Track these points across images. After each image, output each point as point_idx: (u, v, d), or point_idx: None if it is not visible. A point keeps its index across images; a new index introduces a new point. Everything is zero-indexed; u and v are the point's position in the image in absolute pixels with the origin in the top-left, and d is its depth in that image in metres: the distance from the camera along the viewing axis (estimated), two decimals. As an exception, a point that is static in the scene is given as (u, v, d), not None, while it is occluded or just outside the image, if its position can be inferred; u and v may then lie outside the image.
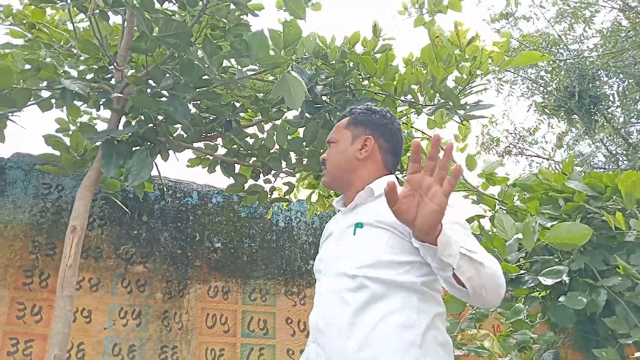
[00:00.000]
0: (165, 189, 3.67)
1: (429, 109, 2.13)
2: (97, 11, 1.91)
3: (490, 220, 2.84)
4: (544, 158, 9.34)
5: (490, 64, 2.15)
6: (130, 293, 3.27)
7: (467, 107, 2.01)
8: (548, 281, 2.29)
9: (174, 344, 3.26)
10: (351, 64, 2.16)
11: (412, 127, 2.92)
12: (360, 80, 2.23)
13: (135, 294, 3.29)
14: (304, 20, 1.83)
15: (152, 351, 3.19)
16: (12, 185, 3.17)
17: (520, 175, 3.14)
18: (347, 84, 2.22)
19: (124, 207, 3.28)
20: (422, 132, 2.99)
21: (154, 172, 2.56)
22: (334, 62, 2.16)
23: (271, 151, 2.45)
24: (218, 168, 2.57)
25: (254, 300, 3.64)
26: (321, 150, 2.38)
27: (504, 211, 2.95)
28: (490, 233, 2.74)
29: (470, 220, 3.06)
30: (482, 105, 2.01)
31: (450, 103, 1.99)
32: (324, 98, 2.27)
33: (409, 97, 2.15)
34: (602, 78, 8.02)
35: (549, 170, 3.07)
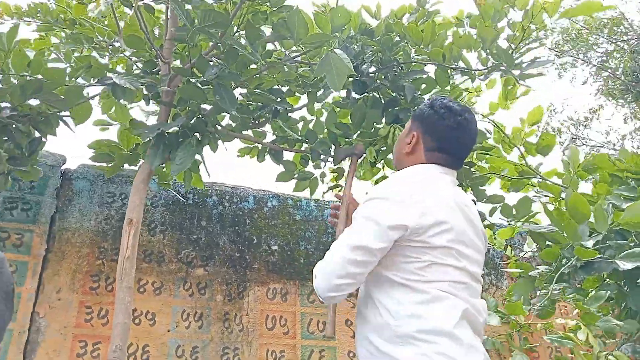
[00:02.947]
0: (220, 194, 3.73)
1: (483, 74, 2.02)
2: (142, 4, 1.97)
3: (547, 213, 2.62)
4: (607, 147, 8.74)
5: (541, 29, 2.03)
6: (192, 296, 3.31)
7: (523, 65, 1.88)
8: (627, 265, 2.10)
9: (235, 346, 3.25)
10: (397, 37, 2.10)
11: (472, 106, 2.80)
12: (409, 52, 2.15)
13: (196, 296, 3.32)
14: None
15: (214, 352, 3.18)
16: (79, 195, 3.32)
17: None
18: (395, 58, 2.15)
19: (179, 196, 3.35)
20: (482, 115, 2.86)
21: (205, 176, 2.60)
22: (379, 37, 2.10)
23: (320, 136, 2.42)
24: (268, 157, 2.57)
25: (312, 302, 3.58)
26: (372, 131, 2.31)
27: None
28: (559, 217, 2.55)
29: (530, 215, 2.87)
30: (539, 62, 1.88)
31: (504, 65, 1.87)
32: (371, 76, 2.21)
33: (461, 64, 2.05)
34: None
35: (626, 150, 2.82)
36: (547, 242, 2.46)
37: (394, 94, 2.22)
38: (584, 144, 8.77)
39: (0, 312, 0.72)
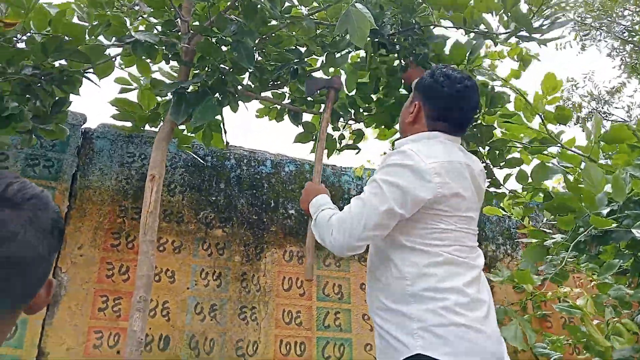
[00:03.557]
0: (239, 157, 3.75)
1: (504, 37, 1.97)
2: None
3: (566, 182, 2.59)
4: (629, 122, 8.53)
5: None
6: (211, 255, 3.37)
7: (544, 28, 1.82)
8: (644, 235, 2.07)
9: (252, 305, 3.32)
10: None
11: (494, 75, 2.73)
12: (429, 16, 2.10)
13: (215, 256, 3.38)
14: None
15: (232, 311, 3.26)
16: (99, 154, 3.36)
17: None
18: (415, 21, 2.10)
19: (198, 158, 3.38)
20: (504, 80, 2.80)
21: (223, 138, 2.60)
22: None
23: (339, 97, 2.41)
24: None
25: (328, 266, 3.63)
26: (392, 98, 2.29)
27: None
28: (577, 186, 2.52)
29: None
30: (559, 24, 1.82)
31: (524, 29, 1.82)
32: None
33: (483, 27, 2.00)
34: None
35: None
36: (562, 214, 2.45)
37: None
38: (605, 119, 8.56)
39: (33, 246, 0.73)
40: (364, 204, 1.47)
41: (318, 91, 2.23)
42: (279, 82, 2.41)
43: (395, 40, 2.15)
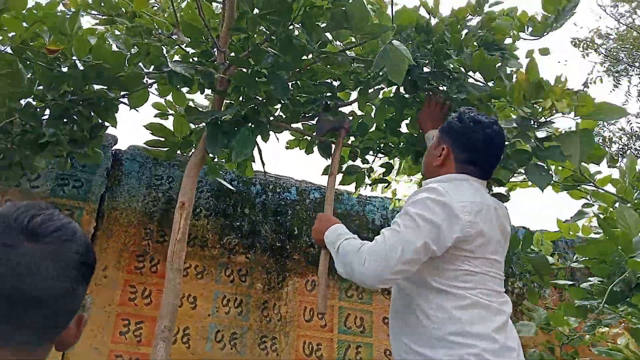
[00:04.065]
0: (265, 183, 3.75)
1: None
2: (203, -7, 1.98)
3: (600, 223, 2.52)
4: None
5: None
6: (233, 282, 3.35)
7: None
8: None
9: (273, 335, 3.28)
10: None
11: None
12: (461, 67, 2.10)
13: (237, 283, 3.36)
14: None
15: (252, 340, 3.22)
16: (128, 176, 3.40)
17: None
18: (448, 69, 2.11)
19: (228, 185, 3.40)
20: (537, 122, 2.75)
21: (257, 157, 2.61)
22: (434, 42, 2.06)
23: (369, 131, 2.40)
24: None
25: (350, 297, 3.57)
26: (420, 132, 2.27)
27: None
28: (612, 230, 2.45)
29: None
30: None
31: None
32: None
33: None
34: None
35: None
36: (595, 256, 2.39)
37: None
38: (637, 156, 8.37)
39: (54, 280, 0.71)
40: (400, 236, 1.43)
41: (330, 131, 2.26)
42: (310, 114, 2.42)
43: (430, 80, 2.14)
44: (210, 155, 2.39)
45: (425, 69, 2.16)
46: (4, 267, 0.67)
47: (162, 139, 2.58)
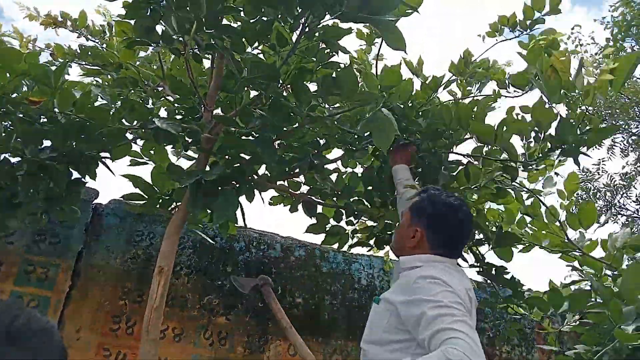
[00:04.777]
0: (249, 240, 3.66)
1: (534, 163, 1.90)
2: (191, 53, 1.98)
3: (595, 291, 2.49)
4: None
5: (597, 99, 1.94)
6: (212, 345, 3.20)
7: (585, 138, 1.77)
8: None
9: (252, 403, 3.11)
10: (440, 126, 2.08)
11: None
12: (449, 141, 2.12)
13: (216, 346, 3.21)
14: (404, 52, 1.75)
15: (230, 409, 3.05)
16: (107, 231, 3.29)
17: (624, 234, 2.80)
18: (434, 146, 2.13)
19: (209, 240, 3.29)
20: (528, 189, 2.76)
21: (240, 217, 2.55)
22: (422, 118, 2.09)
23: (355, 191, 2.37)
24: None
25: (334, 362, 3.43)
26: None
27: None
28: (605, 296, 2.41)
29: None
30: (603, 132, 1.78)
31: (564, 146, 1.76)
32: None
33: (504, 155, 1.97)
34: None
35: None
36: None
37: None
38: (619, 213, 8.47)
39: None
40: (471, 330, 1.30)
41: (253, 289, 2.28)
42: (295, 172, 2.39)
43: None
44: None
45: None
46: None
47: (141, 193, 2.50)
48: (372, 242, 2.63)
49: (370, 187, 2.39)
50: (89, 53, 2.27)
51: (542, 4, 2.37)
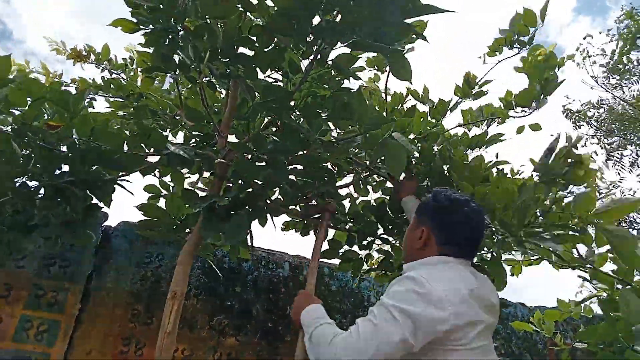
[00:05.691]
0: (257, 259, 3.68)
1: None
2: (205, 82, 2.02)
3: (604, 301, 2.51)
4: None
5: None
6: (221, 367, 3.20)
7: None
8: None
9: None
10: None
11: None
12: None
13: (226, 368, 3.21)
14: (409, 82, 1.78)
15: None
16: (117, 254, 3.31)
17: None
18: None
19: (217, 269, 3.31)
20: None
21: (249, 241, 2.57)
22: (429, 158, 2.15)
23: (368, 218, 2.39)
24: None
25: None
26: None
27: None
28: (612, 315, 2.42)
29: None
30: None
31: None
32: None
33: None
34: None
35: None
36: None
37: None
38: (633, 227, 8.46)
39: None
40: (377, 330, 1.32)
41: (316, 214, 2.29)
42: (307, 197, 2.41)
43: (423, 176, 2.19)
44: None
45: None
46: None
47: (155, 219, 2.53)
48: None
49: (380, 215, 2.42)
50: (112, 86, 2.32)
51: (534, 18, 2.43)
